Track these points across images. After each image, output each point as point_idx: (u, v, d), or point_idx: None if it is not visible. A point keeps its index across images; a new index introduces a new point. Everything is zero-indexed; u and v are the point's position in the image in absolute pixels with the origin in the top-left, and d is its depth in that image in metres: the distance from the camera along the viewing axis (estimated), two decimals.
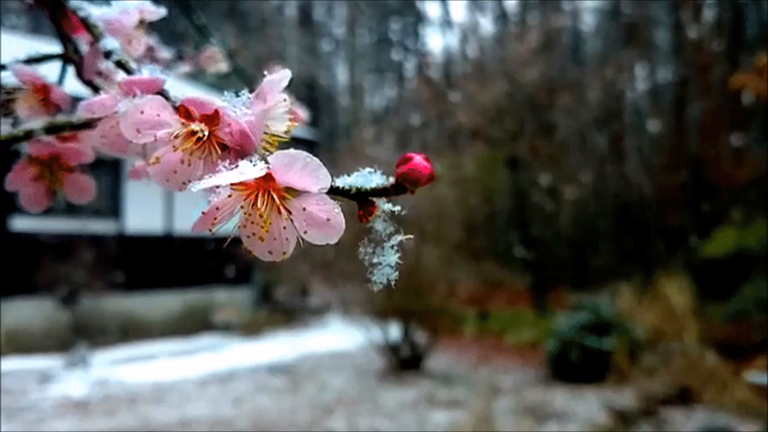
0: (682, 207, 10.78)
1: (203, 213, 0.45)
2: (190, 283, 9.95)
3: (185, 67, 1.26)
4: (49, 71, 0.63)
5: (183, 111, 0.49)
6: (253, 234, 0.46)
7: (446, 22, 21.80)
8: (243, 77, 1.20)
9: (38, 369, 7.07)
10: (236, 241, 0.47)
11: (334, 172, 0.45)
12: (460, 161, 10.93)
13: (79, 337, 7.87)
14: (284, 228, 0.46)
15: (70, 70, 0.65)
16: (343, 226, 0.44)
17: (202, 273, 10.12)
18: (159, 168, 0.48)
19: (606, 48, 14.79)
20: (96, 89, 0.62)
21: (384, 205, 0.46)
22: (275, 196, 0.45)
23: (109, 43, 0.56)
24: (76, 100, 0.58)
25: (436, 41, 29.99)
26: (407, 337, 7.19)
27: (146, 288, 9.37)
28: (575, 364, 6.44)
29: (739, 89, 8.29)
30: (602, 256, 11.67)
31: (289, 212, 0.45)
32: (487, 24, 18.20)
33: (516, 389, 6.28)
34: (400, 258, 0.45)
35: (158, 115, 0.48)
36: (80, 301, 8.28)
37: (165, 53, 0.94)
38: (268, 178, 0.44)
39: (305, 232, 0.45)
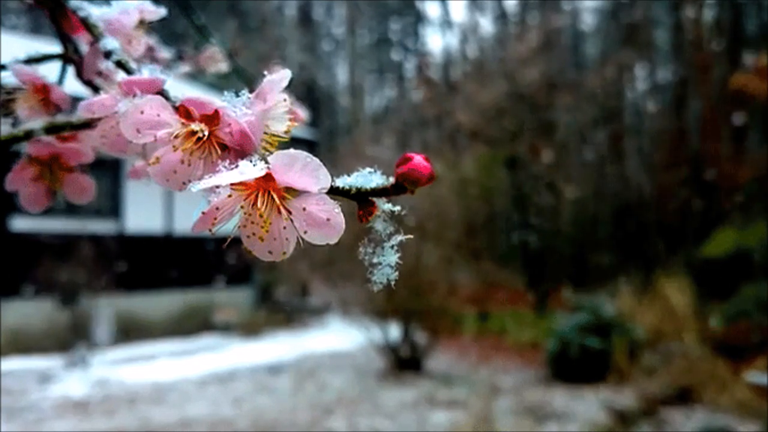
0: (682, 207, 10.78)
1: (203, 213, 0.45)
2: (190, 283, 9.95)
3: (185, 67, 1.26)
4: (49, 71, 0.63)
5: (183, 111, 0.48)
6: (253, 234, 0.46)
7: (446, 22, 21.81)
8: (243, 77, 1.20)
9: (38, 369, 7.07)
10: (236, 241, 0.47)
11: (334, 172, 0.45)
12: (460, 161, 10.93)
13: (79, 337, 7.87)
14: (284, 228, 0.45)
15: (70, 70, 0.65)
16: (343, 226, 0.44)
17: (202, 273, 10.12)
18: (159, 168, 0.48)
19: (606, 48, 14.79)
20: (96, 89, 0.62)
21: (384, 205, 0.46)
22: (275, 196, 0.44)
23: (109, 43, 0.56)
24: (76, 100, 0.58)
25: (436, 41, 30.01)
26: (407, 337, 7.19)
27: (146, 288, 9.37)
28: (575, 364, 6.44)
29: (739, 89, 8.29)
30: (602, 256, 11.68)
31: (289, 212, 0.45)
32: (487, 24, 18.22)
33: (516, 389, 6.28)
34: (400, 258, 0.45)
35: (158, 115, 0.48)
36: (80, 301, 8.28)
37: (165, 53, 0.94)
38: (268, 178, 0.44)
39: (305, 232, 0.45)
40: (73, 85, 0.65)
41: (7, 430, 5.12)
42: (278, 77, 0.50)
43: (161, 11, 0.64)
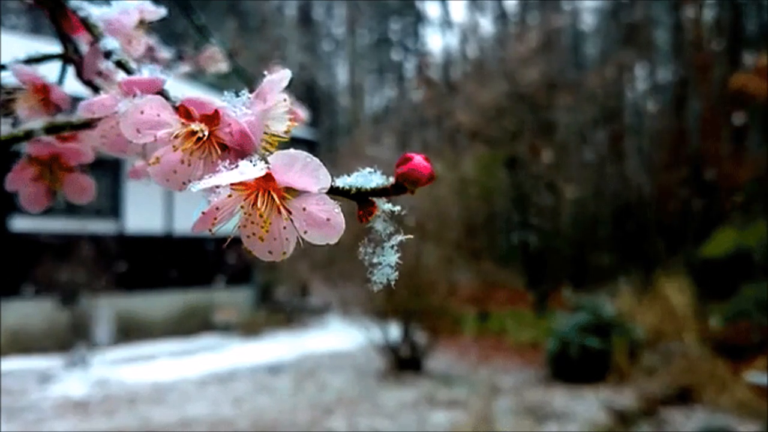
0: (682, 207, 10.78)
1: (203, 213, 0.45)
2: (190, 283, 9.94)
3: (185, 67, 1.26)
4: (49, 71, 0.63)
5: (183, 111, 0.48)
6: (253, 234, 0.46)
7: (446, 22, 21.81)
8: (243, 77, 1.20)
9: (38, 369, 7.07)
10: (236, 241, 0.47)
11: (334, 172, 0.45)
12: (460, 161, 10.93)
13: (79, 337, 7.87)
14: (284, 228, 0.45)
15: (70, 70, 0.65)
16: (343, 226, 0.44)
17: (202, 273, 10.12)
18: (159, 168, 0.48)
19: (606, 48, 14.79)
20: (96, 89, 0.62)
21: (384, 205, 0.46)
22: (275, 196, 0.44)
23: (109, 43, 0.56)
24: (76, 100, 0.58)
25: (436, 41, 30.04)
26: (407, 337, 7.19)
27: (146, 288, 9.37)
28: (575, 364, 6.44)
29: (739, 89, 8.29)
30: (602, 256, 11.68)
31: (289, 212, 0.45)
32: (487, 24, 18.22)
33: (516, 389, 6.28)
34: (400, 258, 0.45)
35: (158, 115, 0.48)
36: (80, 301, 8.28)
37: (165, 53, 0.94)
38: (268, 178, 0.44)
39: (305, 232, 0.45)
40: (73, 85, 0.65)
41: (7, 430, 5.12)
42: (278, 77, 0.50)
43: (161, 11, 0.64)
